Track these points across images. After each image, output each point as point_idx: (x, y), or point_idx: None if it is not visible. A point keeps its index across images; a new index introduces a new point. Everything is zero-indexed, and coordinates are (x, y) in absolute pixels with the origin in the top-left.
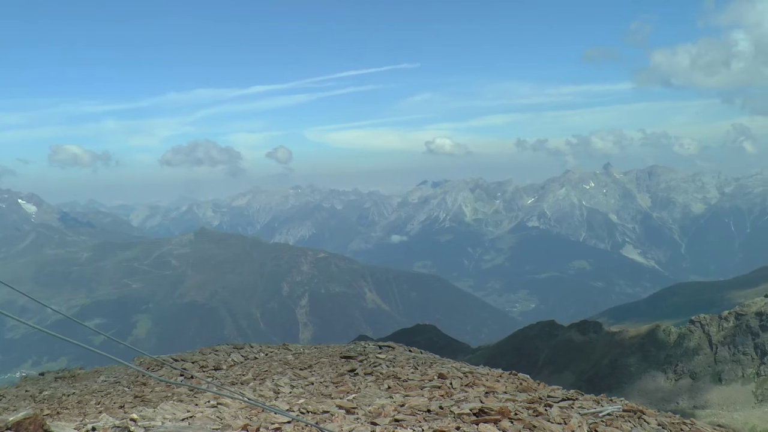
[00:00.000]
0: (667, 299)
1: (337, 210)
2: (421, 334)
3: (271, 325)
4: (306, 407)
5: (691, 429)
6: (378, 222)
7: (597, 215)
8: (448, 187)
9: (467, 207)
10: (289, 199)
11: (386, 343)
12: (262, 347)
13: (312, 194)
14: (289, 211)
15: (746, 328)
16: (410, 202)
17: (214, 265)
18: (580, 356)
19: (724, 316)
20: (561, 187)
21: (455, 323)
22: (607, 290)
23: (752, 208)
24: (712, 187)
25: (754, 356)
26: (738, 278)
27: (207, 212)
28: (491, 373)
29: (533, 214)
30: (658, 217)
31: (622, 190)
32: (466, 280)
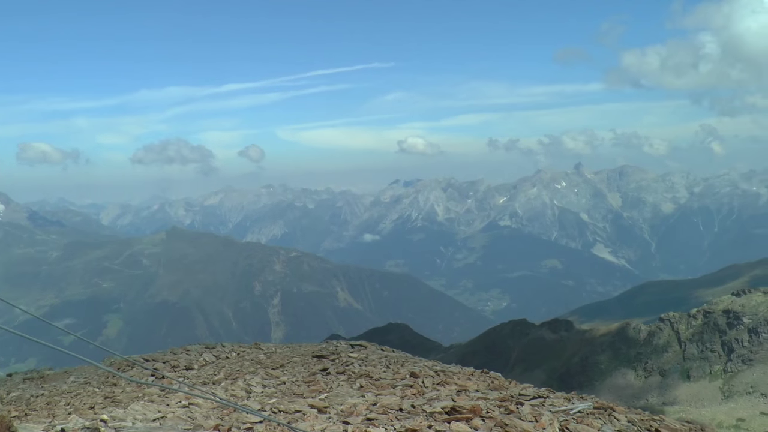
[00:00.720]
0: (637, 297)
1: (309, 209)
2: (393, 333)
3: (243, 325)
4: (278, 407)
5: (660, 425)
6: (350, 221)
7: (568, 214)
8: (420, 187)
9: (439, 206)
10: (262, 198)
11: (358, 342)
12: (234, 347)
13: (284, 193)
14: (262, 210)
15: (714, 326)
16: (382, 201)
17: (185, 265)
18: (551, 354)
19: (693, 314)
20: (533, 187)
21: (427, 322)
22: (578, 289)
23: (720, 208)
24: (682, 187)
25: (721, 353)
26: (706, 277)
27: (179, 211)
28: (463, 372)
29: (505, 214)
30: (629, 217)
31: (593, 190)
32: (438, 279)
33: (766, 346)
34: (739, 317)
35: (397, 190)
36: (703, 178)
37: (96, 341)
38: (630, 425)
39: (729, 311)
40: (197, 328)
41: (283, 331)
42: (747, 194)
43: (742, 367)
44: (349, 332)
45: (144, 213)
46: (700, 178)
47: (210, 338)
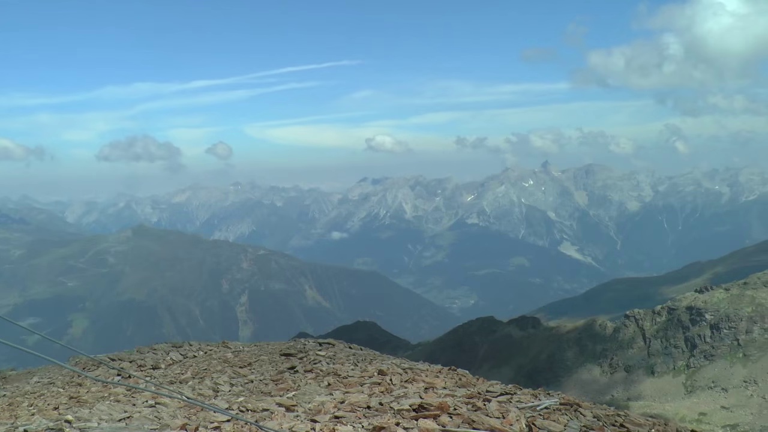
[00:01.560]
0: (603, 294)
1: (277, 207)
2: (361, 330)
3: (211, 323)
4: (245, 405)
5: (625, 420)
6: (318, 219)
7: (535, 212)
8: (388, 184)
9: (407, 204)
10: (229, 195)
11: (326, 340)
12: (201, 345)
13: (252, 191)
14: (229, 208)
15: (677, 322)
16: (351, 199)
17: (152, 263)
18: (518, 351)
19: (657, 310)
20: (500, 185)
21: (395, 320)
22: (545, 286)
23: (684, 206)
24: (647, 186)
25: (685, 349)
26: (670, 274)
27: (145, 209)
28: (431, 369)
29: (473, 212)
30: (595, 215)
31: (560, 188)
32: (406, 277)
33: (727, 342)
34: (701, 314)
35: (365, 187)
36: (667, 176)
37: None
38: (596, 420)
39: (692, 308)
40: (164, 327)
41: (251, 330)
42: (710, 193)
43: (704, 362)
44: (317, 330)
45: (110, 210)
46: (665, 176)
47: (177, 337)
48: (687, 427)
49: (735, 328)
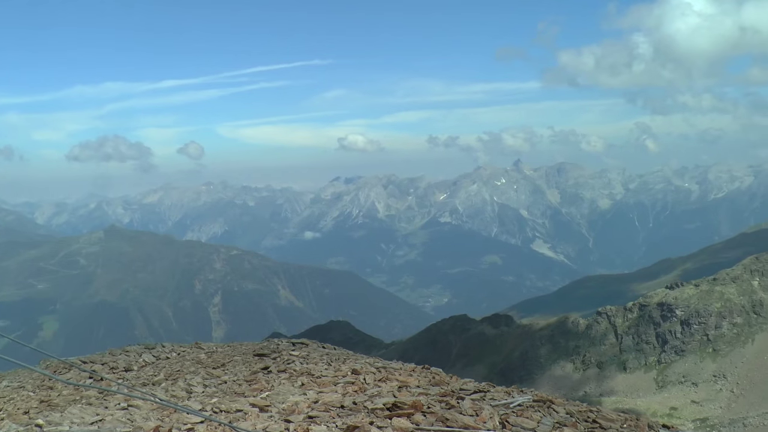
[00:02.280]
0: (576, 292)
1: (249, 206)
2: (334, 330)
3: (184, 324)
4: (219, 406)
5: (597, 416)
6: (291, 218)
7: (508, 211)
8: (360, 184)
9: (380, 203)
10: (201, 195)
11: (300, 340)
12: (174, 347)
13: (224, 191)
14: (201, 208)
15: (649, 319)
16: (323, 198)
17: (124, 264)
18: (492, 349)
19: (629, 307)
20: (473, 183)
21: (369, 319)
22: (518, 284)
23: (654, 203)
24: (618, 184)
25: (656, 345)
26: (641, 271)
27: (117, 209)
28: (404, 368)
29: (445, 210)
30: (567, 213)
31: (532, 186)
32: (379, 276)
33: (697, 337)
34: (672, 310)
35: (337, 187)
36: (638, 174)
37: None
38: (569, 417)
39: (663, 304)
40: (136, 329)
41: (224, 330)
42: (679, 190)
43: (675, 357)
44: (290, 330)
45: (81, 211)
46: (636, 174)
47: (150, 338)
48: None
49: (704, 324)
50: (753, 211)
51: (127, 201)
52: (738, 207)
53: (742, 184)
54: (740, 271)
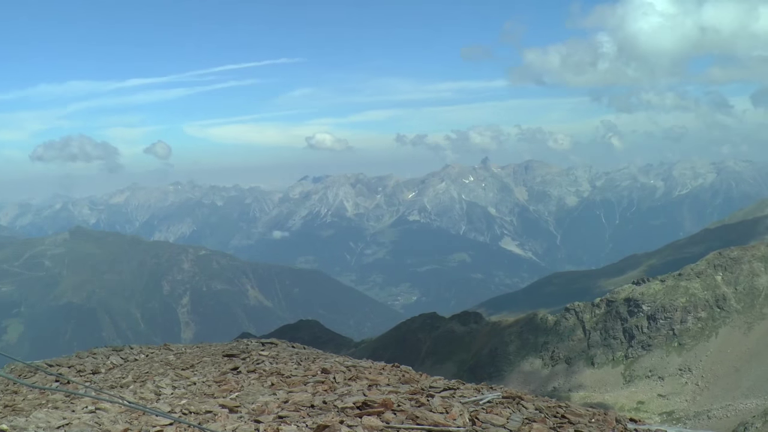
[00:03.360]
0: (544, 288)
1: (217, 206)
2: (304, 329)
3: (152, 326)
4: (188, 408)
5: (566, 411)
6: (259, 218)
7: (476, 209)
8: (329, 182)
9: (348, 202)
10: (169, 195)
11: (269, 340)
12: (142, 348)
13: (192, 190)
14: (169, 208)
15: (616, 314)
16: (291, 197)
17: (91, 265)
18: (461, 346)
19: (596, 303)
20: (441, 182)
21: (338, 318)
22: (486, 281)
23: (621, 200)
24: (585, 181)
25: (623, 340)
26: (608, 267)
27: (83, 210)
28: (374, 366)
29: (414, 208)
30: (535, 210)
31: (500, 184)
32: (348, 275)
33: (663, 331)
34: (639, 305)
35: (306, 186)
36: (604, 171)
37: None
38: (537, 412)
39: (630, 299)
40: (104, 331)
41: (193, 331)
42: (645, 187)
43: (642, 352)
44: (259, 330)
45: (45, 212)
46: (602, 171)
47: (117, 340)
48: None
49: (670, 318)
50: (716, 208)
51: (93, 201)
52: (701, 203)
53: (705, 180)
54: (704, 266)
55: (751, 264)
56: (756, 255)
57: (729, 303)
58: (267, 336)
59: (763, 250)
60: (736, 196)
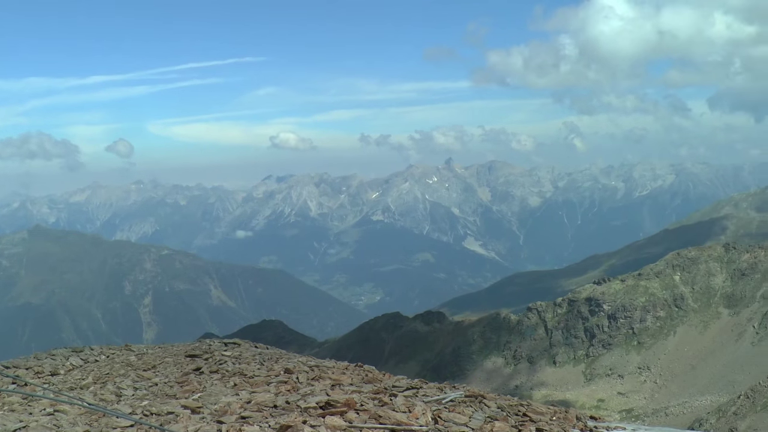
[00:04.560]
0: (507, 288)
1: (180, 205)
2: (267, 329)
3: (113, 326)
4: (150, 409)
5: (528, 409)
6: (223, 217)
7: (440, 209)
8: (293, 182)
9: (312, 201)
10: (131, 194)
11: (232, 340)
12: (103, 349)
13: (154, 189)
14: (131, 207)
15: (577, 313)
16: (255, 197)
17: (50, 265)
18: (424, 346)
19: (558, 302)
20: (405, 182)
21: (302, 318)
22: (450, 281)
23: (582, 201)
24: (547, 182)
25: (584, 339)
26: (570, 267)
27: (42, 209)
28: (337, 366)
29: (378, 208)
30: (498, 210)
31: (463, 185)
32: (311, 275)
33: (623, 330)
34: (599, 304)
35: (269, 185)
36: (566, 172)
37: None
38: (500, 411)
39: (591, 299)
40: (63, 331)
41: (155, 331)
42: (606, 188)
43: (602, 351)
44: (222, 330)
45: (3, 211)
46: (564, 172)
47: (77, 341)
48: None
49: (630, 318)
50: (674, 209)
51: (53, 200)
52: (661, 204)
53: (664, 182)
54: (663, 266)
55: (708, 264)
56: (712, 255)
57: (686, 302)
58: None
59: (719, 250)
60: (693, 198)
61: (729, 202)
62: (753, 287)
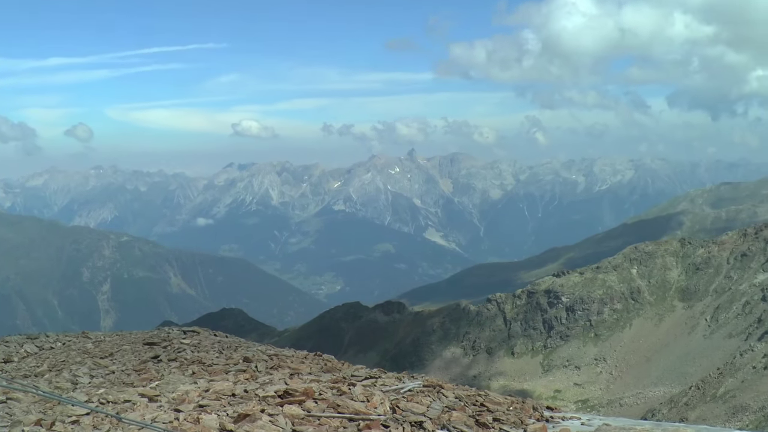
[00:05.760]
0: (467, 279)
1: (141, 192)
2: (227, 318)
3: (70, 313)
4: (106, 397)
5: (485, 399)
6: (183, 205)
7: (401, 199)
8: (254, 170)
9: (274, 190)
10: (90, 179)
11: (191, 329)
12: (59, 336)
13: (114, 175)
14: (90, 193)
15: (536, 305)
16: (216, 184)
17: (5, 250)
18: (384, 336)
19: (518, 294)
20: (367, 172)
21: (262, 307)
22: (410, 272)
23: (543, 194)
24: (509, 175)
25: (543, 330)
26: (530, 259)
27: None
28: (296, 355)
29: (339, 198)
30: (459, 202)
31: (425, 176)
32: (272, 264)
33: (581, 323)
34: (558, 297)
35: (231, 173)
36: (528, 166)
37: None
38: (457, 401)
39: (550, 291)
40: (18, 318)
41: (114, 319)
42: (567, 182)
43: (560, 342)
44: (182, 318)
45: None
46: (526, 166)
47: (33, 328)
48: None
49: (588, 310)
50: (633, 203)
51: (9, 184)
52: (620, 199)
53: (623, 177)
54: (621, 259)
55: (664, 258)
56: (668, 250)
57: (643, 295)
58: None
59: (675, 245)
60: (651, 193)
61: (685, 198)
62: (706, 281)
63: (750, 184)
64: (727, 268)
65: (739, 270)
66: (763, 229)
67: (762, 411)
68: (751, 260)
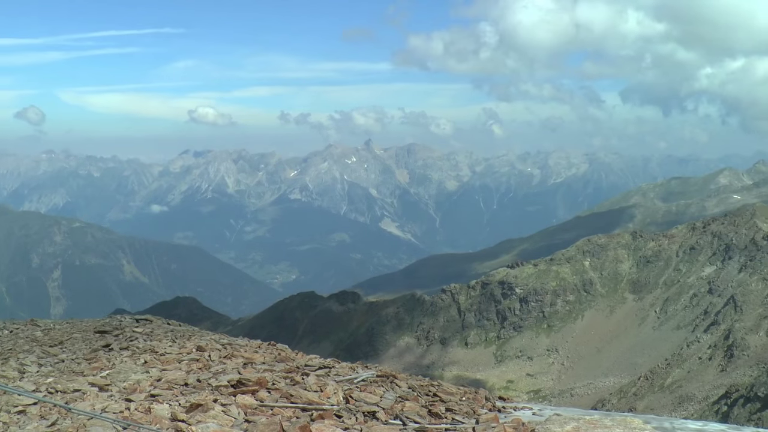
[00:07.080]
0: (422, 270)
1: (94, 177)
2: (181, 306)
3: (19, 300)
4: (55, 386)
5: (438, 390)
6: (138, 191)
7: (358, 189)
8: (210, 158)
9: (230, 178)
10: (41, 164)
11: (144, 317)
12: (6, 324)
13: (67, 160)
14: (41, 177)
15: (490, 296)
16: (172, 171)
17: None
18: (338, 326)
19: (472, 285)
20: (323, 161)
21: (216, 295)
22: (365, 262)
23: (499, 186)
24: (465, 166)
25: (496, 321)
26: (485, 250)
27: None
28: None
29: (295, 187)
30: (415, 193)
31: (382, 166)
32: (227, 252)
33: (534, 314)
34: (512, 288)
35: (187, 160)
36: (484, 158)
37: None
38: (410, 391)
39: (504, 282)
40: None
41: (64, 307)
42: (522, 174)
43: (513, 333)
44: (134, 306)
45: None
46: (482, 158)
47: None
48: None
49: (541, 301)
50: (587, 197)
51: None
52: (574, 192)
53: (578, 170)
54: (574, 252)
55: (616, 251)
56: (620, 243)
57: (595, 287)
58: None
59: (627, 238)
60: (605, 187)
61: (637, 191)
62: (656, 274)
63: (699, 179)
64: (676, 261)
65: (688, 263)
66: (710, 224)
67: (706, 401)
68: (699, 253)
